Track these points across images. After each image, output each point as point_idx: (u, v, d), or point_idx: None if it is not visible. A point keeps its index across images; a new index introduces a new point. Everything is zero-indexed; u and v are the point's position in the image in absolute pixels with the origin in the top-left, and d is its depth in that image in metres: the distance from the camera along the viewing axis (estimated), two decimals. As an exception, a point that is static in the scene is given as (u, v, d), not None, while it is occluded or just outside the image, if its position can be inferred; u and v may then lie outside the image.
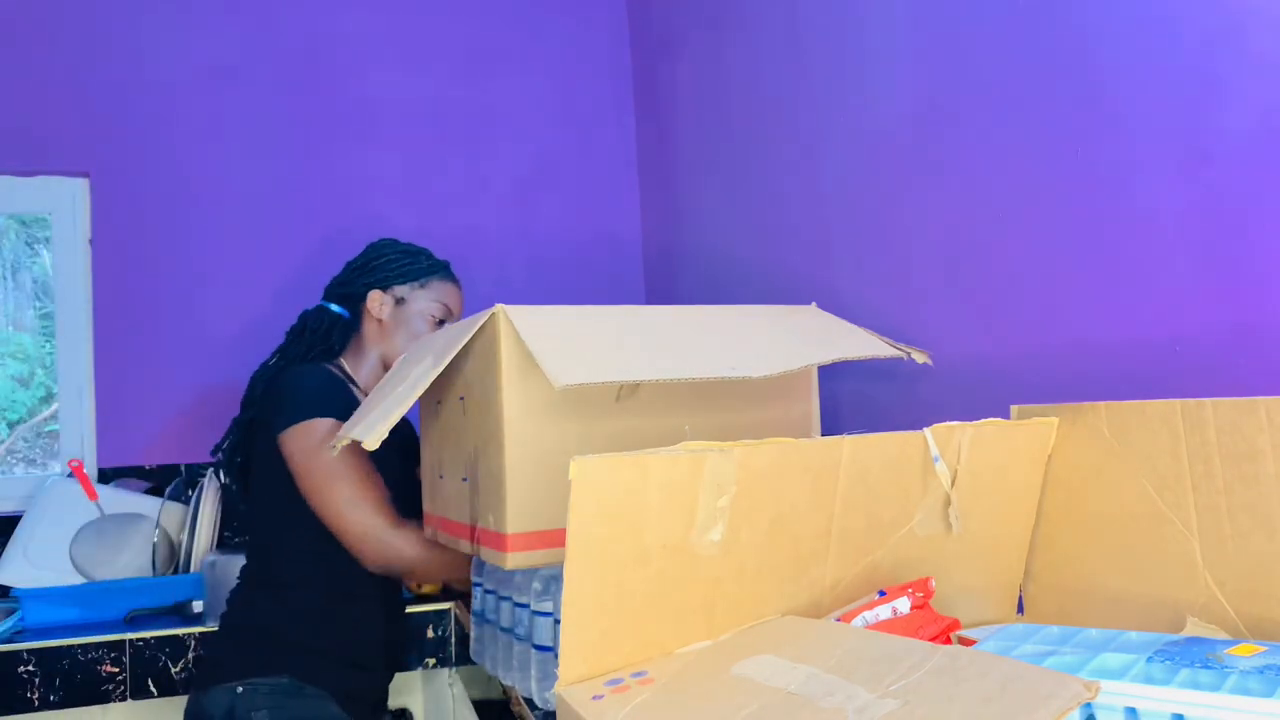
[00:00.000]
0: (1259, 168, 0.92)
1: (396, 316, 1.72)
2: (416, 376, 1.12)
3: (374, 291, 1.73)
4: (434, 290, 1.74)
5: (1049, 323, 1.18)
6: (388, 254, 1.76)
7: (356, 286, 1.75)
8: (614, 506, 0.73)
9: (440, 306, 1.73)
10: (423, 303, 1.72)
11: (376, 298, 1.72)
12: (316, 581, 1.58)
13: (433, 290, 1.74)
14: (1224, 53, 0.95)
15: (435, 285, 1.74)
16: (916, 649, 0.66)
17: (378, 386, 1.34)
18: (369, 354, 1.73)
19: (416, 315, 1.72)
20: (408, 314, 1.72)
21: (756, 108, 1.90)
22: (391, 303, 1.73)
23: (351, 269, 1.78)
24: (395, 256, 1.75)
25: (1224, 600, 0.81)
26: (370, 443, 1.04)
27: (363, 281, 1.74)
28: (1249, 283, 0.93)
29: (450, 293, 1.76)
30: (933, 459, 0.88)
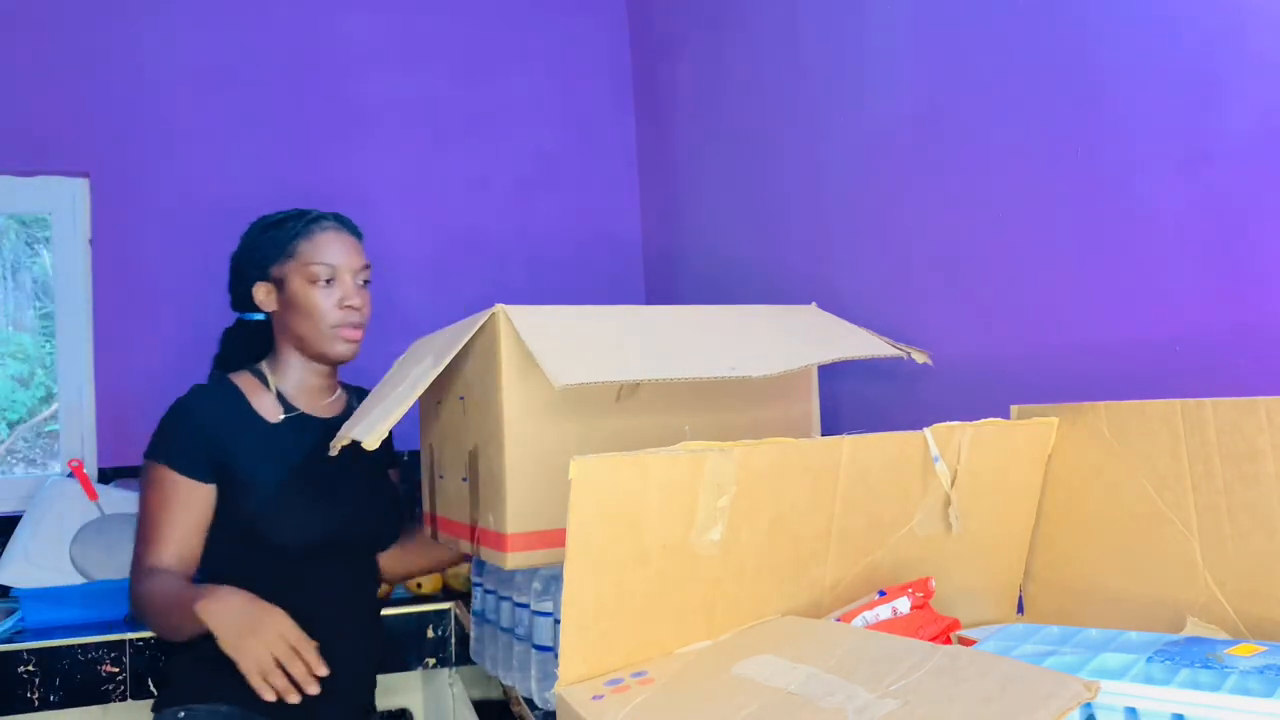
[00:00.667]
0: (1259, 168, 0.92)
1: (285, 303, 1.54)
2: (416, 376, 1.12)
3: (256, 285, 1.56)
4: (304, 253, 1.52)
5: (1049, 323, 1.17)
6: (250, 240, 1.59)
7: (241, 288, 1.59)
8: (614, 506, 0.73)
9: (320, 268, 1.51)
10: (299, 274, 1.52)
11: (260, 291, 1.56)
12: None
13: (302, 254, 1.52)
14: (1224, 53, 0.95)
15: (303, 247, 1.53)
16: (916, 649, 0.66)
17: (377, 387, 1.33)
18: (285, 351, 1.58)
19: (300, 289, 1.52)
20: (293, 295, 1.53)
21: (756, 108, 1.90)
22: (274, 290, 1.55)
23: (230, 270, 1.62)
24: (258, 237, 1.57)
25: (1224, 600, 0.81)
26: (370, 443, 1.04)
27: (242, 281, 1.59)
28: (1249, 283, 0.93)
29: (324, 244, 1.53)
30: (933, 459, 0.88)
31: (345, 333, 1.52)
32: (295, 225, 1.55)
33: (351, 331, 1.53)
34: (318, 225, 1.55)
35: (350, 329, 1.53)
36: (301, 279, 1.51)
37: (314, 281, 1.51)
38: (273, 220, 1.58)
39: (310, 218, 1.56)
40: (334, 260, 1.52)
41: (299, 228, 1.54)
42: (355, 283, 1.54)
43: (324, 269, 1.51)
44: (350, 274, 1.53)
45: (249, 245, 1.58)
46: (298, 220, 1.56)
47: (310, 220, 1.55)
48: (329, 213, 1.59)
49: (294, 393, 1.58)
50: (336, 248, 1.53)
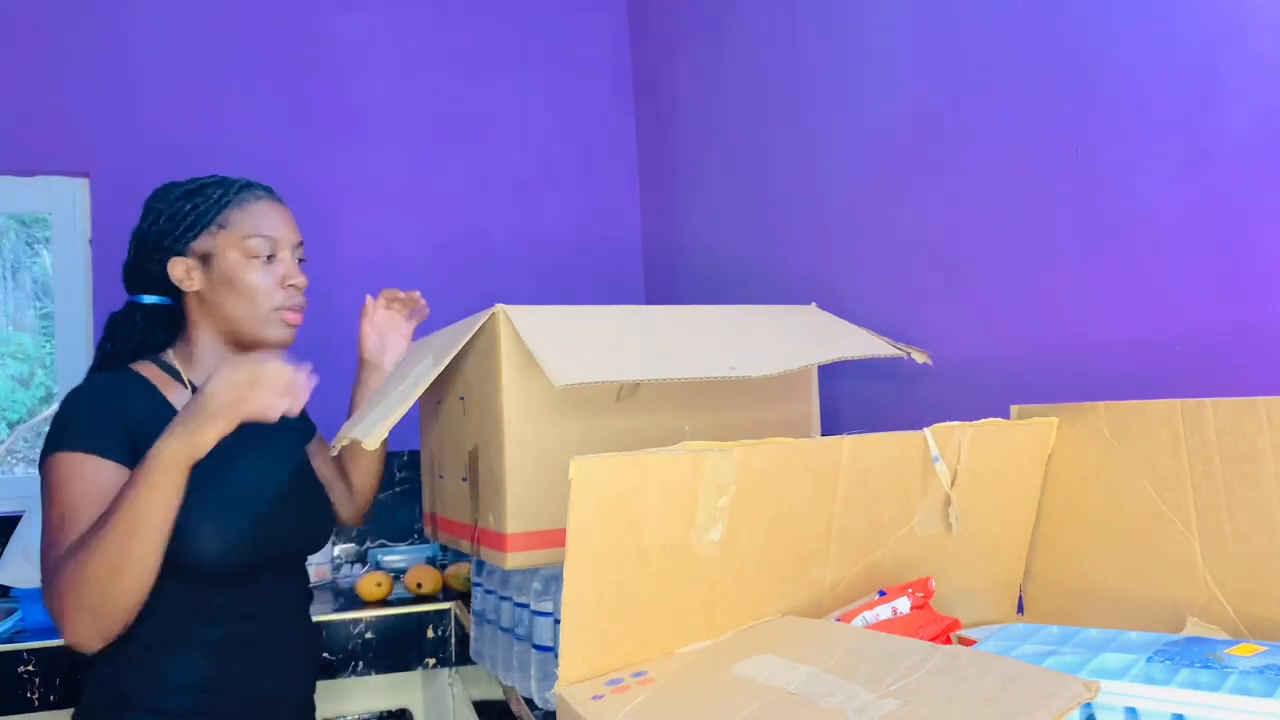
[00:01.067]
0: (1259, 168, 0.92)
1: (212, 279, 1.31)
2: (417, 376, 1.12)
3: (172, 261, 1.31)
4: (240, 223, 1.31)
5: (1049, 323, 1.18)
6: (164, 209, 1.33)
7: (151, 265, 1.34)
8: (614, 506, 0.73)
9: (260, 241, 1.31)
10: (234, 247, 1.30)
11: (178, 267, 1.31)
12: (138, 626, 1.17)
13: (239, 224, 1.31)
14: (1224, 53, 0.95)
15: (237, 216, 1.32)
16: (916, 649, 0.66)
17: (380, 389, 1.32)
18: (201, 338, 1.34)
19: (236, 266, 1.30)
20: (224, 269, 1.30)
21: (756, 108, 1.90)
22: (198, 265, 1.31)
23: (134, 246, 1.36)
24: (176, 208, 1.33)
25: (1224, 600, 0.81)
26: (370, 443, 1.04)
27: (153, 257, 1.33)
28: (1249, 283, 0.93)
29: (261, 214, 1.33)
30: (933, 459, 0.88)
31: (288, 316, 1.33)
32: (222, 192, 1.33)
33: (294, 315, 1.34)
34: (250, 193, 1.34)
35: (293, 312, 1.33)
36: (237, 254, 1.30)
37: (253, 256, 1.30)
38: (190, 187, 1.35)
39: (239, 184, 1.35)
40: (274, 233, 1.32)
41: (229, 195, 1.33)
42: (295, 259, 1.35)
43: (264, 242, 1.31)
44: (290, 249, 1.34)
45: (164, 214, 1.33)
46: (223, 187, 1.35)
47: (241, 187, 1.35)
48: (253, 181, 1.39)
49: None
50: (275, 218, 1.34)
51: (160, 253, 1.32)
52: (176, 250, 1.31)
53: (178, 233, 1.31)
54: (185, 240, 1.31)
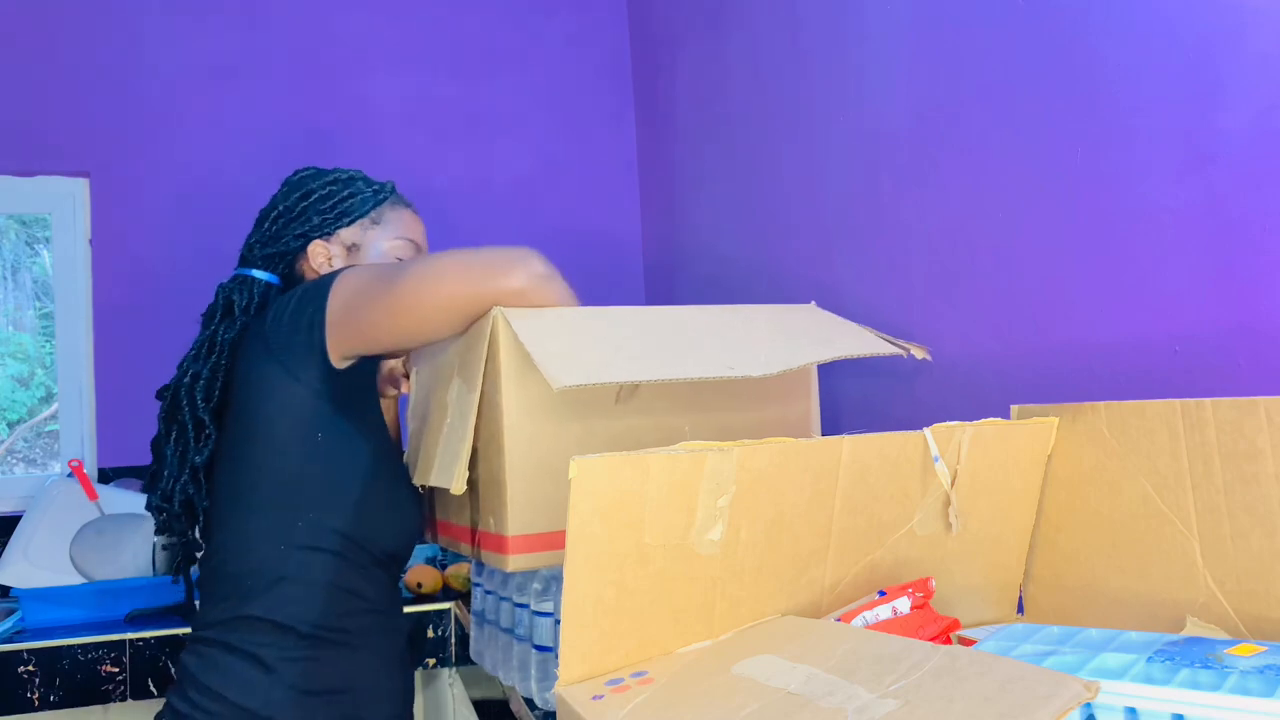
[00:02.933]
0: (1259, 168, 0.92)
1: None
2: (459, 406, 1.11)
3: (315, 243, 1.31)
4: (392, 223, 1.35)
5: (1049, 323, 1.18)
6: (317, 189, 1.33)
7: (288, 241, 1.31)
8: (614, 506, 0.73)
9: (406, 244, 1.34)
10: (384, 242, 1.33)
11: (320, 251, 1.31)
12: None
13: (391, 224, 1.34)
14: (1224, 52, 0.95)
15: (391, 216, 1.35)
16: (916, 649, 0.66)
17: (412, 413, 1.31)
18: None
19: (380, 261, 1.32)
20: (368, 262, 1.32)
21: (756, 108, 1.90)
22: (343, 252, 1.32)
23: (275, 218, 1.33)
24: (331, 191, 1.33)
25: (1224, 600, 0.81)
26: (456, 487, 1.04)
27: (295, 233, 1.31)
28: (1249, 283, 0.93)
29: (411, 221, 1.38)
30: (933, 459, 0.88)
31: None
32: (378, 189, 1.36)
33: None
34: (400, 198, 1.38)
35: None
36: (387, 248, 1.32)
37: (398, 257, 1.33)
38: (342, 176, 1.36)
39: (390, 186, 1.39)
40: (419, 240, 1.37)
41: (385, 194, 1.36)
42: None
43: (410, 247, 1.34)
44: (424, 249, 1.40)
45: (316, 194, 1.32)
46: (376, 185, 1.37)
47: (392, 190, 1.39)
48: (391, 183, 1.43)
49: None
50: (419, 228, 1.38)
51: (307, 231, 1.30)
52: (325, 232, 1.31)
53: (331, 215, 1.31)
54: (336, 225, 1.31)
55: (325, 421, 1.17)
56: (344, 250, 1.32)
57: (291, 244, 1.31)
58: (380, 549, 1.23)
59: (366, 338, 1.15)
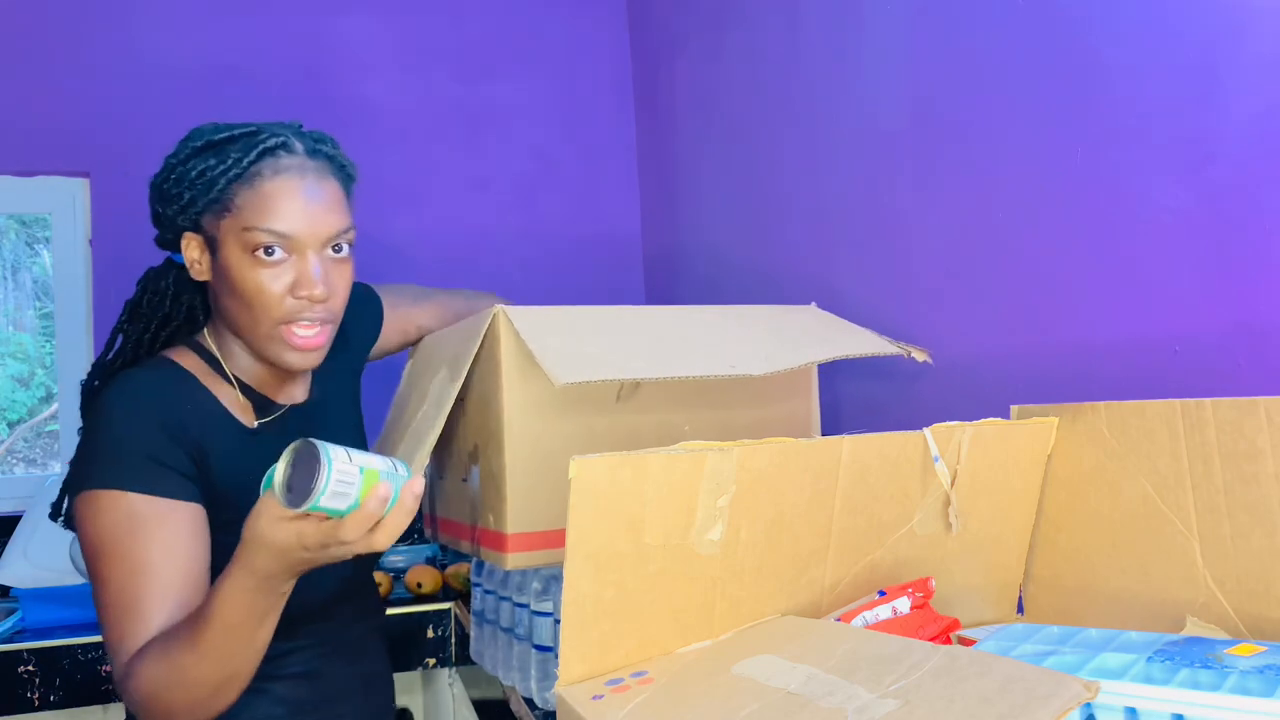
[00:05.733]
0: (1259, 168, 0.92)
1: (217, 272, 1.02)
2: (437, 395, 1.12)
3: (185, 237, 1.03)
4: (247, 207, 0.99)
5: (1049, 323, 1.18)
6: (176, 165, 1.03)
7: (169, 227, 1.05)
8: (614, 506, 0.73)
9: (260, 235, 0.98)
10: (233, 239, 0.99)
11: (192, 247, 1.03)
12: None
13: (245, 208, 0.99)
14: (1225, 51, 0.95)
15: (248, 197, 0.99)
16: (916, 649, 0.66)
17: (394, 402, 1.32)
18: (227, 334, 1.07)
19: (234, 265, 0.99)
20: (224, 266, 1.00)
21: (756, 107, 1.90)
22: (207, 251, 1.03)
23: (151, 198, 1.07)
24: (188, 166, 1.02)
25: (1223, 600, 0.81)
26: (416, 468, 1.03)
27: (170, 218, 1.04)
28: (1249, 283, 0.93)
29: (282, 198, 0.99)
30: (933, 459, 0.88)
31: (295, 334, 1.01)
32: (239, 158, 0.99)
33: (304, 334, 1.01)
34: (269, 164, 0.99)
35: (304, 328, 1.01)
36: (237, 246, 0.99)
37: (253, 251, 0.98)
38: (215, 138, 1.02)
39: (262, 145, 1.00)
40: (287, 226, 0.98)
41: (244, 164, 0.99)
42: (322, 256, 1.01)
43: (269, 238, 0.98)
44: (316, 244, 1.00)
45: (174, 172, 1.03)
46: (244, 149, 1.00)
47: (262, 151, 0.99)
48: (293, 132, 1.04)
49: (255, 380, 1.09)
50: (295, 204, 0.99)
51: (169, 224, 1.04)
52: (187, 224, 1.02)
53: (184, 203, 1.01)
54: (197, 210, 1.01)
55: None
56: (204, 246, 1.02)
57: (171, 231, 1.04)
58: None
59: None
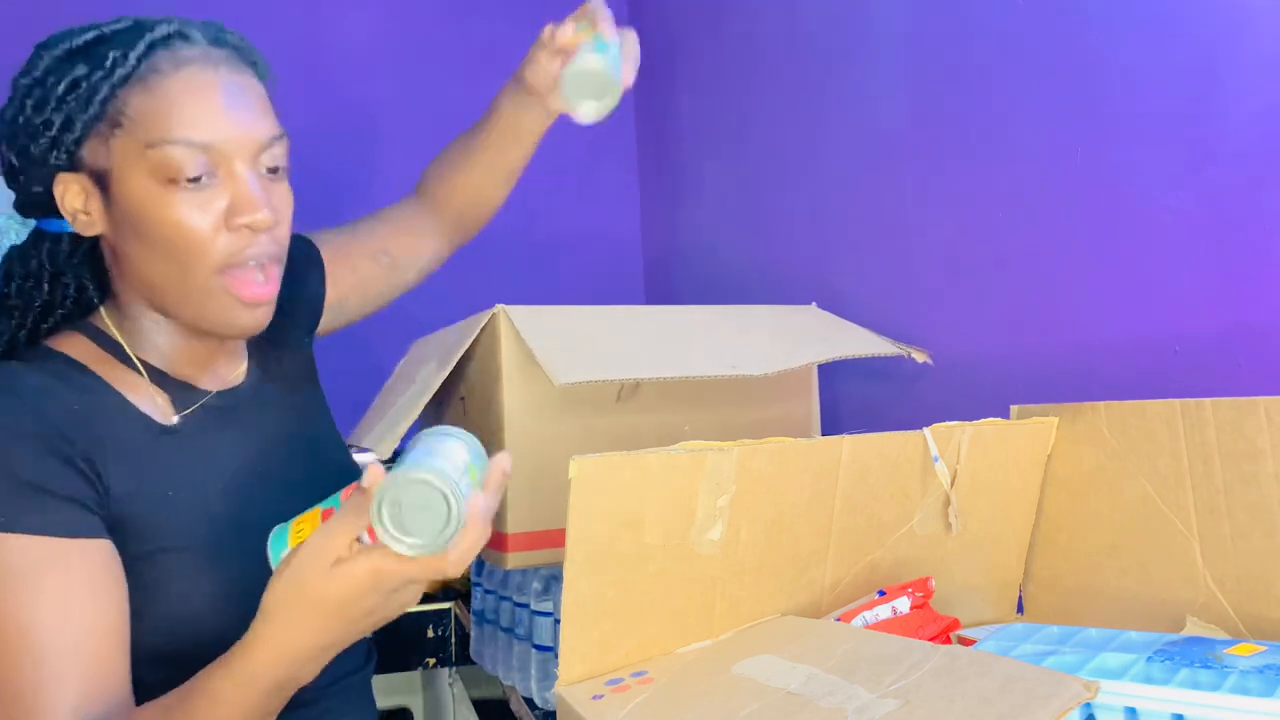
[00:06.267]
0: (1260, 168, 0.92)
1: (117, 221, 0.77)
2: (423, 381, 1.12)
3: (57, 179, 0.77)
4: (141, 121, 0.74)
5: (1049, 323, 1.18)
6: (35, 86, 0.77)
7: (30, 181, 0.79)
8: (614, 506, 0.73)
9: (172, 151, 0.73)
10: (134, 168, 0.74)
11: (70, 191, 0.77)
12: None
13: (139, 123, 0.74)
14: (1225, 52, 0.95)
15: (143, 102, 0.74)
16: (916, 649, 0.66)
17: (381, 393, 1.32)
18: (134, 306, 0.82)
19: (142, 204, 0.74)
20: (128, 207, 0.75)
21: (757, 107, 1.91)
22: (92, 193, 0.77)
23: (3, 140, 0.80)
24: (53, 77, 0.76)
25: (1223, 599, 0.81)
26: (382, 452, 1.03)
27: (30, 169, 0.78)
28: (1249, 283, 0.93)
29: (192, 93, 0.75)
30: (933, 459, 0.89)
31: (241, 283, 0.78)
32: (118, 55, 0.75)
33: (252, 282, 0.78)
34: (164, 58, 0.75)
35: (250, 273, 0.78)
36: (141, 173, 0.74)
37: (169, 180, 0.74)
38: (85, 39, 0.78)
39: (151, 37, 0.76)
40: (208, 132, 0.74)
41: (128, 61, 0.74)
42: (256, 172, 0.78)
43: (187, 153, 0.74)
44: (247, 155, 0.77)
45: (32, 94, 0.77)
46: (124, 42, 0.76)
47: (152, 42, 0.76)
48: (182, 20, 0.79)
49: (172, 362, 0.84)
50: (211, 102, 0.75)
51: (31, 172, 0.77)
52: (59, 163, 0.76)
53: (52, 132, 0.75)
54: (66, 146, 0.75)
55: None
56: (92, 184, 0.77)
57: (33, 186, 0.79)
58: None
59: None
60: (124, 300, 0.83)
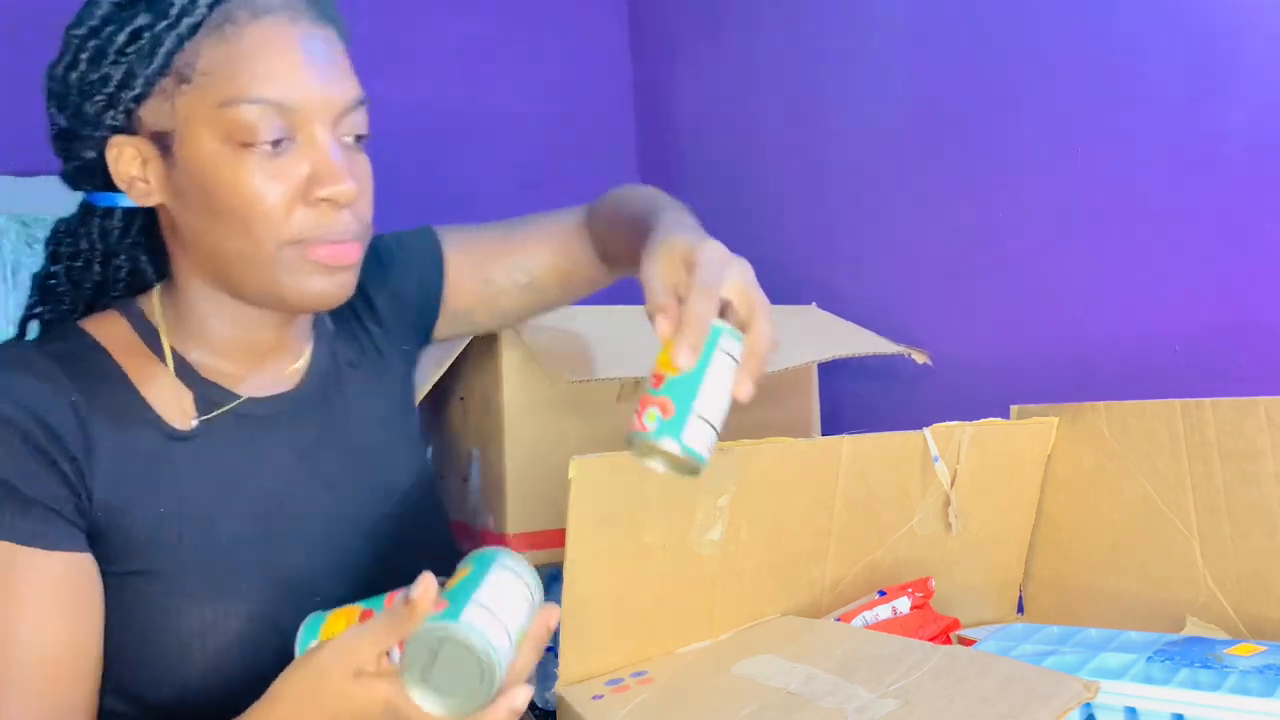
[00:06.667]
0: (1260, 168, 0.92)
1: (176, 183, 0.68)
2: (418, 378, 1.12)
3: (113, 145, 0.69)
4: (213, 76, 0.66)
5: (1049, 323, 1.18)
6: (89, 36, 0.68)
7: (80, 145, 0.71)
8: (614, 506, 0.73)
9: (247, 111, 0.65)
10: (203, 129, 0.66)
11: (123, 156, 0.69)
12: None
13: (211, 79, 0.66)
14: (1226, 53, 0.95)
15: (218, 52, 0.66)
16: (916, 649, 0.66)
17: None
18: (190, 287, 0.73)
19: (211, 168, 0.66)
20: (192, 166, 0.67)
21: (756, 107, 1.91)
22: (154, 155, 0.68)
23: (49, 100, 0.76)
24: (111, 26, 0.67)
25: (1223, 599, 0.81)
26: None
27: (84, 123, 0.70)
28: (1249, 283, 0.93)
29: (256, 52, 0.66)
30: (933, 459, 0.88)
31: (325, 252, 0.69)
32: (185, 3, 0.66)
33: (336, 250, 0.69)
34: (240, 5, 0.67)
35: (334, 246, 0.69)
36: (210, 134, 0.66)
37: (244, 143, 0.66)
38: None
39: None
40: (288, 91, 0.67)
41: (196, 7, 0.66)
42: (338, 139, 0.69)
43: (265, 112, 0.66)
44: (329, 118, 0.68)
45: (87, 46, 0.69)
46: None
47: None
48: None
49: (216, 355, 0.75)
50: (292, 57, 0.67)
51: (82, 136, 0.70)
52: (116, 123, 0.68)
53: (110, 89, 0.67)
54: (124, 104, 0.67)
55: None
56: (155, 148, 0.68)
57: (84, 151, 0.71)
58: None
59: None
60: (181, 280, 0.73)
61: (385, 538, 0.77)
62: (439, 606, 0.57)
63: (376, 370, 0.85)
